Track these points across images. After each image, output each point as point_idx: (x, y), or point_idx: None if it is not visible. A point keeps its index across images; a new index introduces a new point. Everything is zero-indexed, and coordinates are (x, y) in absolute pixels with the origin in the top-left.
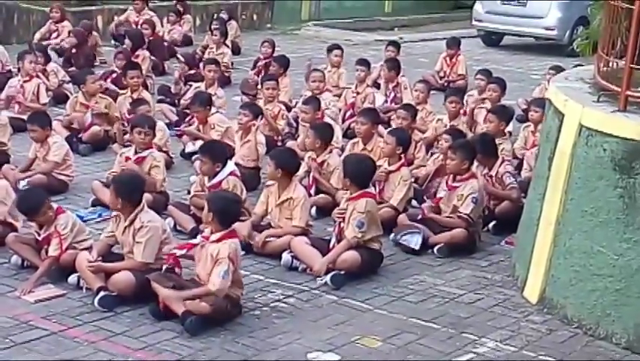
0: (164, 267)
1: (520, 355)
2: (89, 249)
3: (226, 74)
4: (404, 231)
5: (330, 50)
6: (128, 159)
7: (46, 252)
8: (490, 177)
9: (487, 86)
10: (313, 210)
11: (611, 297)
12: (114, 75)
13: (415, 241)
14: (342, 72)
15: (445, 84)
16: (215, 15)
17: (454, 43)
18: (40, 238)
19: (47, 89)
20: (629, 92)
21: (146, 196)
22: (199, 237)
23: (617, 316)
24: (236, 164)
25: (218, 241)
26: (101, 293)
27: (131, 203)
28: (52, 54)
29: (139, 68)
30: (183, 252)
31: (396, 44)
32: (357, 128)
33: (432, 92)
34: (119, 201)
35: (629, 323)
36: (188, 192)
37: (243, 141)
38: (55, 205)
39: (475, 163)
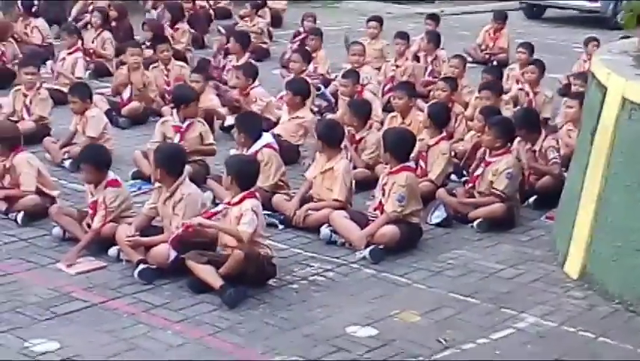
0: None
1: (560, 330)
2: (130, 223)
3: (264, 46)
4: (429, 211)
5: (367, 20)
6: (177, 128)
7: (88, 225)
8: (534, 152)
9: (527, 60)
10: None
11: None
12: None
13: (436, 215)
14: (384, 43)
15: (487, 57)
16: None
17: (500, 17)
18: (90, 202)
19: (96, 53)
20: None
21: (187, 168)
22: (221, 205)
23: None
24: (279, 135)
25: (240, 202)
26: (141, 266)
27: (171, 174)
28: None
29: (167, 41)
30: (199, 220)
31: (435, 17)
32: (394, 103)
33: (472, 65)
34: (160, 172)
35: None
36: None
37: (291, 116)
38: (112, 175)
39: (518, 138)
